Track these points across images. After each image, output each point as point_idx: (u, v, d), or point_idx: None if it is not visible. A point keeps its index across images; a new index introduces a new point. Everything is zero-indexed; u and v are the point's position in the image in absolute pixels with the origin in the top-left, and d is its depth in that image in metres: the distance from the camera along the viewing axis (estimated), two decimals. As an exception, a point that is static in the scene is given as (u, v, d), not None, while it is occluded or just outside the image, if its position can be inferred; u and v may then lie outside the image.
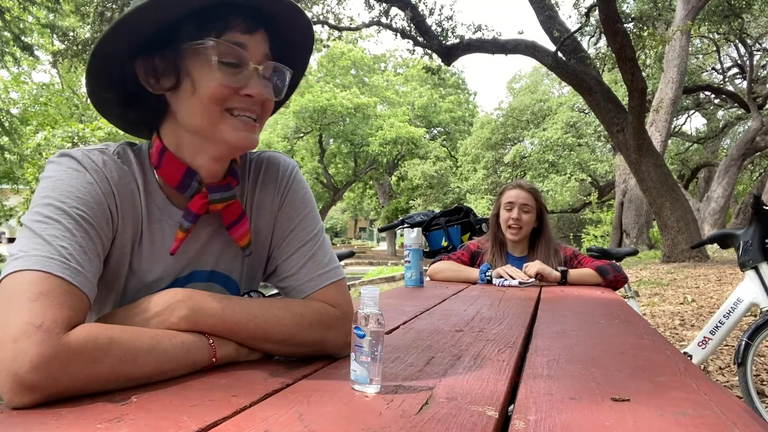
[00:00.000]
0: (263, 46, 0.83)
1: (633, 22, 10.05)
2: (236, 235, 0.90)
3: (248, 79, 0.81)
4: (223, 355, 0.78)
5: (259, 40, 0.83)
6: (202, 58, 0.79)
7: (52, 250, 0.68)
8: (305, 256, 0.92)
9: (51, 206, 0.72)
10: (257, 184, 0.97)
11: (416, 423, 0.56)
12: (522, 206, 2.28)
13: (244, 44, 0.81)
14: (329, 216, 36.84)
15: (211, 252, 0.92)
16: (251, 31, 0.81)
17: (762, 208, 2.39)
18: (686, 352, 2.49)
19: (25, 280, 0.66)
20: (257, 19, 0.82)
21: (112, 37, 0.78)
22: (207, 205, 0.86)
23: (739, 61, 16.98)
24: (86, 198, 0.75)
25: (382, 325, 0.69)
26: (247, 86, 0.81)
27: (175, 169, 0.85)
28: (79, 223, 0.73)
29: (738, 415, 0.60)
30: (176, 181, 0.85)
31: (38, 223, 0.71)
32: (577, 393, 0.69)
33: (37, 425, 0.54)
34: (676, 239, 8.96)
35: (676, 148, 20.62)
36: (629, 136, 8.64)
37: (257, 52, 0.82)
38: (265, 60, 0.84)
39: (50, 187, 0.75)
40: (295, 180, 0.98)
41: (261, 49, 0.83)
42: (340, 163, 27.81)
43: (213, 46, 0.79)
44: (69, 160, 0.78)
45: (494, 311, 1.42)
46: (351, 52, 28.36)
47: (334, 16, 11.41)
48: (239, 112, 0.83)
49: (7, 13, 10.37)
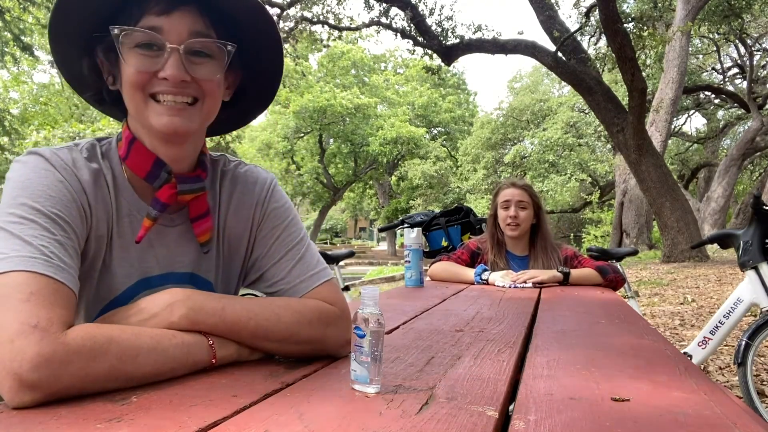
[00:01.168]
0: (187, 24, 0.80)
1: (633, 22, 10.05)
2: (198, 230, 0.90)
3: (165, 62, 0.79)
4: (223, 355, 0.78)
5: (179, 18, 0.79)
6: (122, 47, 0.79)
7: (34, 250, 0.68)
8: (294, 259, 0.92)
9: (25, 206, 0.72)
10: (233, 196, 0.96)
11: (416, 423, 0.56)
12: (518, 203, 2.32)
13: (158, 26, 0.78)
14: (329, 216, 36.83)
15: (186, 254, 0.91)
16: (168, 11, 0.79)
17: (762, 208, 2.39)
18: (686, 352, 2.49)
19: (13, 281, 0.65)
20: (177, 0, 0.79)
21: (55, 28, 0.81)
22: (176, 195, 0.85)
23: (739, 61, 16.98)
24: (59, 196, 0.75)
25: (382, 325, 0.69)
26: (163, 69, 0.79)
27: (144, 159, 0.85)
28: (55, 221, 0.73)
29: (738, 415, 0.60)
30: (145, 171, 0.85)
31: (14, 224, 0.70)
32: (577, 393, 0.69)
33: (37, 425, 0.54)
34: (676, 239, 8.96)
35: (676, 148, 20.62)
36: (629, 136, 8.64)
37: (177, 31, 0.79)
38: (189, 38, 0.80)
39: (20, 186, 0.74)
40: (274, 192, 0.98)
41: (183, 28, 0.79)
42: (340, 163, 27.81)
43: (118, 34, 0.78)
44: (37, 159, 0.78)
45: (494, 311, 1.42)
46: (351, 52, 28.36)
47: (334, 16, 11.41)
48: (162, 97, 0.81)
49: (7, 13, 10.37)
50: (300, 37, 11.65)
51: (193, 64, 0.82)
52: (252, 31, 0.87)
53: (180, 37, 0.79)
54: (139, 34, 0.79)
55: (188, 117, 0.83)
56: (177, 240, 0.90)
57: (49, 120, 18.25)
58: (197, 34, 0.81)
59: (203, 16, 0.81)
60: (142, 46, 0.79)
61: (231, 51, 0.84)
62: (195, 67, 0.82)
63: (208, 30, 0.82)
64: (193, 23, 0.80)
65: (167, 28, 0.79)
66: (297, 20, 11.29)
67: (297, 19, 11.31)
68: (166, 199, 0.85)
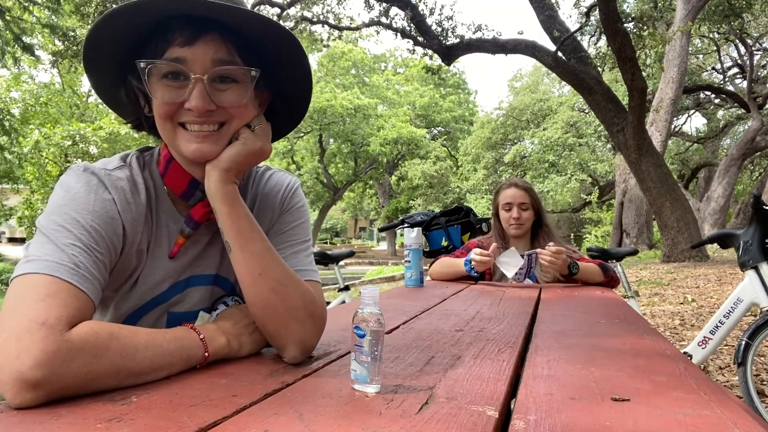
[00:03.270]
0: (210, 54, 0.81)
1: (633, 22, 10.05)
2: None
3: (189, 92, 0.81)
4: (215, 348, 0.79)
5: (203, 48, 0.81)
6: (148, 79, 0.82)
7: (64, 257, 0.71)
8: (291, 250, 0.95)
9: (67, 215, 0.76)
10: (257, 199, 0.99)
11: (416, 423, 0.56)
12: (520, 205, 2.36)
13: (182, 58, 0.80)
14: (329, 216, 36.83)
15: (212, 257, 0.95)
16: (190, 42, 0.80)
17: (762, 208, 2.39)
18: (686, 352, 2.49)
19: (34, 283, 0.68)
20: (199, 28, 0.80)
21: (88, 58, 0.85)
22: (209, 213, 0.89)
23: (739, 60, 16.97)
24: (101, 212, 0.80)
25: (382, 325, 0.69)
26: (188, 100, 0.81)
27: (180, 179, 0.89)
28: (92, 234, 0.77)
29: (738, 415, 0.60)
30: (181, 190, 0.90)
31: (53, 230, 0.74)
32: (577, 393, 0.69)
33: (37, 425, 0.54)
34: (676, 239, 8.95)
35: (676, 148, 20.61)
36: (629, 136, 8.64)
37: (201, 61, 0.81)
38: (213, 67, 0.82)
39: (69, 198, 0.79)
40: (295, 193, 1.02)
41: (207, 57, 0.81)
42: (340, 163, 27.81)
43: (144, 67, 0.81)
44: (90, 177, 0.82)
45: (494, 311, 1.42)
46: (351, 52, 28.36)
47: (334, 16, 11.41)
48: (190, 126, 0.84)
49: (8, 13, 10.36)
50: (300, 37, 11.64)
51: (218, 91, 0.83)
52: (278, 56, 0.88)
53: (204, 66, 0.81)
54: (163, 66, 0.81)
55: (215, 142, 0.85)
56: (205, 247, 0.94)
57: (49, 119, 18.24)
58: (220, 63, 0.82)
59: (226, 43, 0.82)
60: (168, 77, 0.82)
61: (255, 76, 0.85)
62: (220, 94, 0.83)
63: (232, 56, 0.83)
64: (215, 51, 0.82)
65: (191, 59, 0.80)
66: (297, 20, 11.28)
67: (297, 19, 11.31)
68: (199, 217, 0.89)
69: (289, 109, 0.99)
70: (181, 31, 0.80)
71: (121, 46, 0.83)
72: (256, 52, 0.86)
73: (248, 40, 0.85)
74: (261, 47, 0.86)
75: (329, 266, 3.27)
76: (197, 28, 0.80)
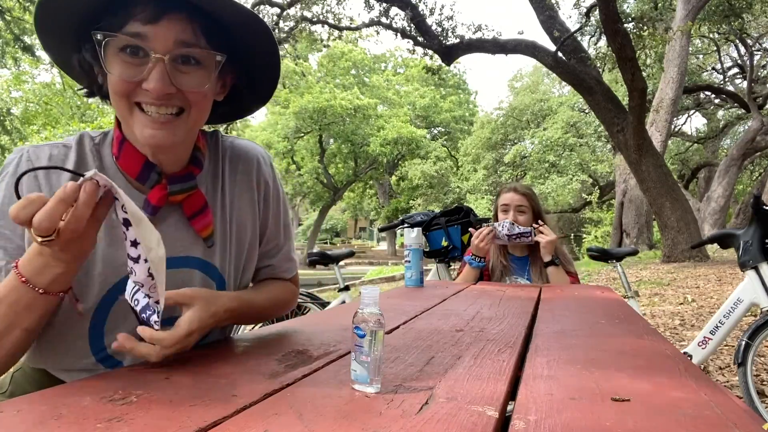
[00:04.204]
0: (174, 33, 0.75)
1: (633, 22, 10.04)
2: (198, 226, 0.89)
3: (148, 71, 0.76)
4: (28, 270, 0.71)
5: (167, 26, 0.75)
6: (105, 53, 0.76)
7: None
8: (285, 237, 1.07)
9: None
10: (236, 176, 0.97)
11: (416, 423, 0.56)
12: (517, 207, 2.38)
13: (143, 34, 0.74)
14: (329, 216, 36.81)
15: (180, 239, 0.89)
16: (155, 19, 0.74)
17: (762, 208, 2.39)
18: (686, 352, 2.49)
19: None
20: (165, 4, 0.75)
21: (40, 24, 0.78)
22: (167, 196, 0.85)
23: (739, 61, 16.96)
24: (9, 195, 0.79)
25: (382, 325, 0.69)
26: (147, 80, 0.76)
27: (134, 161, 0.84)
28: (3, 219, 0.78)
29: (738, 415, 0.60)
30: (136, 173, 0.84)
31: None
32: (577, 393, 0.69)
33: (37, 425, 0.54)
34: (676, 239, 8.95)
35: (676, 148, 20.60)
36: (629, 136, 8.63)
37: (164, 40, 0.75)
38: (176, 48, 0.76)
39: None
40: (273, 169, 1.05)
41: (170, 37, 0.75)
42: (340, 163, 27.80)
43: (101, 39, 0.74)
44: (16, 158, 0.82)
45: (494, 311, 1.42)
46: (351, 52, 28.35)
47: (334, 16, 11.41)
48: (147, 107, 0.78)
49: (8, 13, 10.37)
50: (300, 37, 11.65)
51: (179, 72, 0.78)
52: (246, 38, 0.84)
53: (166, 46, 0.75)
54: (123, 40, 0.75)
55: (173, 130, 0.80)
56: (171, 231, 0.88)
57: (50, 119, 18.24)
58: (184, 44, 0.77)
59: (192, 23, 0.77)
60: (126, 52, 0.76)
61: (221, 61, 0.81)
62: (181, 77, 0.78)
63: (197, 38, 0.78)
64: (181, 32, 0.76)
65: (153, 36, 0.75)
66: (297, 20, 11.28)
67: (297, 18, 11.31)
68: (156, 201, 0.84)
69: (255, 90, 0.95)
70: (144, 5, 0.74)
71: (75, 13, 0.77)
72: (223, 35, 0.81)
73: (216, 21, 0.79)
74: (228, 30, 0.81)
75: (329, 266, 3.27)
76: (163, 4, 0.75)
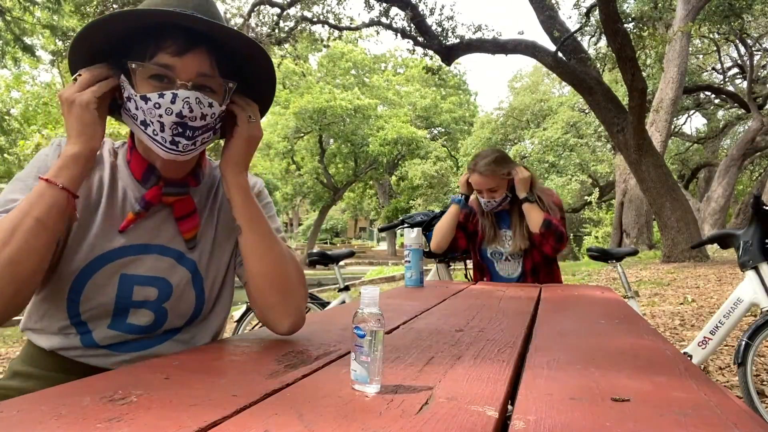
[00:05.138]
0: (196, 66, 0.89)
1: (633, 22, 10.04)
2: (183, 228, 1.02)
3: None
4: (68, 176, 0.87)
5: (191, 60, 0.89)
6: (136, 77, 0.90)
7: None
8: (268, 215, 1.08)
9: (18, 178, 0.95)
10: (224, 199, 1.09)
11: (416, 423, 0.56)
12: (488, 190, 2.39)
13: (170, 65, 0.88)
14: (329, 216, 36.82)
15: (166, 230, 1.02)
16: (181, 52, 0.88)
17: (762, 208, 2.39)
18: (686, 352, 2.49)
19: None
20: (190, 40, 0.88)
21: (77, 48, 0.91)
22: (160, 196, 0.99)
23: (739, 61, 16.96)
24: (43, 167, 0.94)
25: (382, 325, 0.69)
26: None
27: (139, 166, 1.00)
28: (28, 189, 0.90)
29: (738, 415, 0.60)
30: (139, 175, 1.01)
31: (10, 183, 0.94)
32: (577, 393, 0.69)
33: (37, 425, 0.54)
34: (676, 239, 8.95)
35: (676, 148, 20.60)
36: (629, 136, 8.63)
37: (187, 71, 0.89)
38: (197, 78, 0.90)
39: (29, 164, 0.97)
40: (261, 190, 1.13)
41: (193, 69, 0.89)
42: (340, 163, 27.79)
43: (134, 68, 0.89)
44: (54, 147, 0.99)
45: (494, 311, 1.42)
46: (352, 52, 28.35)
47: (334, 16, 11.40)
48: None
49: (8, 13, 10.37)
50: (300, 37, 11.64)
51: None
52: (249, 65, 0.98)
53: (189, 76, 0.89)
54: (153, 69, 0.89)
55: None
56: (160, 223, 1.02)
57: (51, 119, 18.24)
58: (204, 75, 0.91)
59: (210, 56, 0.91)
60: (154, 78, 0.90)
61: (232, 88, 0.95)
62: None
63: (213, 69, 0.92)
64: (201, 64, 0.90)
65: (180, 68, 0.89)
66: (297, 20, 11.28)
67: (297, 18, 11.30)
68: (150, 198, 0.99)
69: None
70: (173, 40, 0.88)
71: (108, 42, 0.90)
72: (231, 64, 0.96)
73: (228, 52, 0.94)
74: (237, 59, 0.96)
75: (329, 266, 3.27)
76: (188, 41, 0.89)
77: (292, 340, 0.99)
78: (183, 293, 1.01)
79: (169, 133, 0.89)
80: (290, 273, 0.99)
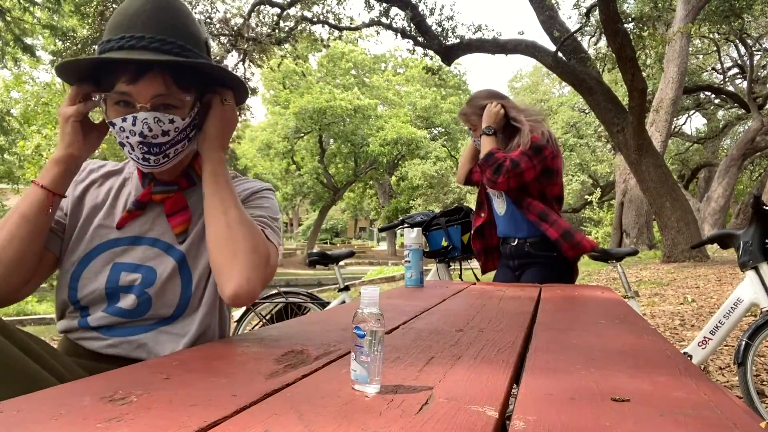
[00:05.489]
0: (151, 89, 0.99)
1: (633, 22, 10.04)
2: (173, 223, 1.11)
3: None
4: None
5: (145, 85, 0.99)
6: (106, 105, 1.03)
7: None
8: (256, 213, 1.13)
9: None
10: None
11: (416, 423, 0.56)
12: (469, 129, 2.52)
13: (127, 92, 0.99)
14: (329, 216, 36.82)
15: (159, 225, 1.12)
16: (135, 80, 0.99)
17: (762, 208, 2.39)
18: (686, 352, 2.49)
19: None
20: (143, 68, 0.98)
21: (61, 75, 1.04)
22: (150, 195, 1.11)
23: (739, 61, 16.96)
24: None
25: (382, 325, 0.69)
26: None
27: (140, 172, 1.15)
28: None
29: (738, 415, 0.60)
30: (141, 180, 1.15)
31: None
32: (577, 393, 0.69)
33: (37, 425, 0.54)
34: (676, 239, 8.95)
35: (676, 148, 20.60)
36: (629, 136, 8.63)
37: (143, 95, 0.99)
38: (153, 99, 1.00)
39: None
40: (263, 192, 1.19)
41: (148, 93, 0.99)
42: (340, 163, 27.80)
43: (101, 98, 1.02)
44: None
45: (494, 311, 1.42)
46: (352, 52, 28.34)
47: (334, 16, 11.40)
48: None
49: (8, 14, 10.37)
50: (300, 37, 11.64)
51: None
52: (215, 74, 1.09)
53: (146, 99, 1.00)
54: (115, 97, 1.01)
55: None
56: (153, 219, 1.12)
57: (51, 120, 18.23)
58: (159, 96, 1.00)
59: (165, 77, 1.00)
60: (119, 104, 1.02)
61: (190, 101, 1.05)
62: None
63: (169, 88, 1.01)
64: (156, 87, 1.00)
65: (135, 93, 0.99)
66: (297, 20, 11.28)
67: (297, 18, 11.30)
68: (141, 197, 1.11)
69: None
70: (125, 69, 0.99)
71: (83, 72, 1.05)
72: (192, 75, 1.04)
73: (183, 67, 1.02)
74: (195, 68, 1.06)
75: (329, 266, 3.27)
76: (140, 68, 0.99)
77: (292, 340, 0.99)
78: (168, 281, 1.08)
79: (139, 151, 1.02)
80: (238, 239, 1.01)
